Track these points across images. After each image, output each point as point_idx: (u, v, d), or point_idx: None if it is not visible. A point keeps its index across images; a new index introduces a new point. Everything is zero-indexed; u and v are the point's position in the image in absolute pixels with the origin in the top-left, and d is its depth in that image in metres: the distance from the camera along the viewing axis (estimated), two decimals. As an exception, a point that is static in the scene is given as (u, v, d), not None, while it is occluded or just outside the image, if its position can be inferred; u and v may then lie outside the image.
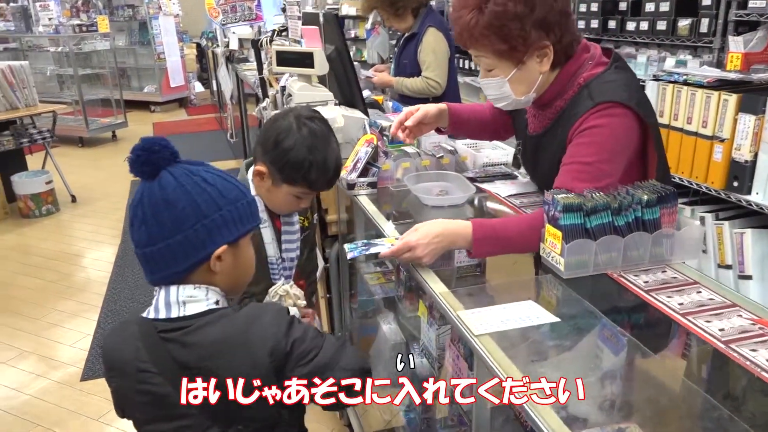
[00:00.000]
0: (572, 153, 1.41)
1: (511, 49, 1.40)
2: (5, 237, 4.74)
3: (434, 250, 1.34)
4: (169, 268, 1.05)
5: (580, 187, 1.31)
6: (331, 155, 1.54)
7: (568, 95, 1.47)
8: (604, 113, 1.37)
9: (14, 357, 3.10)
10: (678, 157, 2.56)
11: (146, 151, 1.02)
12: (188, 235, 1.03)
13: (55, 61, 8.62)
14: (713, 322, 1.10)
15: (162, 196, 1.02)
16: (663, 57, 3.17)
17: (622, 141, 1.38)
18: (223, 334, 1.03)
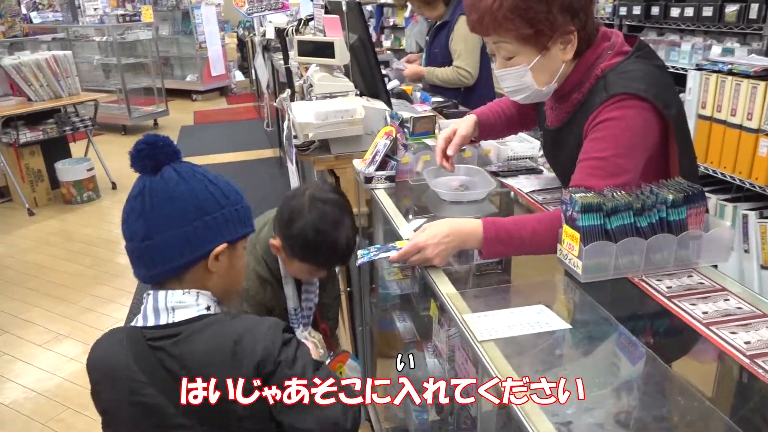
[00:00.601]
0: (587, 149, 1.33)
1: (536, 34, 1.32)
2: (48, 222, 4.89)
3: (444, 251, 1.28)
4: (166, 264, 1.03)
5: (597, 184, 1.22)
6: (341, 238, 1.56)
7: (585, 87, 1.39)
8: (619, 105, 1.29)
9: (50, 340, 3.19)
10: (720, 151, 2.43)
11: (150, 146, 1.02)
12: (189, 230, 1.02)
13: (101, 51, 8.83)
14: (739, 333, 1.02)
15: (165, 190, 1.01)
16: (709, 45, 3.01)
17: (638, 134, 1.29)
18: (211, 345, 1.00)
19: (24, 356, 3.07)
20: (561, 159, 1.52)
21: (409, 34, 6.89)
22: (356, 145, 2.01)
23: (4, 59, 5.04)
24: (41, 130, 5.13)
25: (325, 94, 2.08)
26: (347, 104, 1.95)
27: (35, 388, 2.81)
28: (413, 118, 1.97)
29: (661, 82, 1.34)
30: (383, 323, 2.18)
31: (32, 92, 5.07)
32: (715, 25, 2.86)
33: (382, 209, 1.68)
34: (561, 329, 1.06)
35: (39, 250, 4.32)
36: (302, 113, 1.93)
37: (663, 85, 1.33)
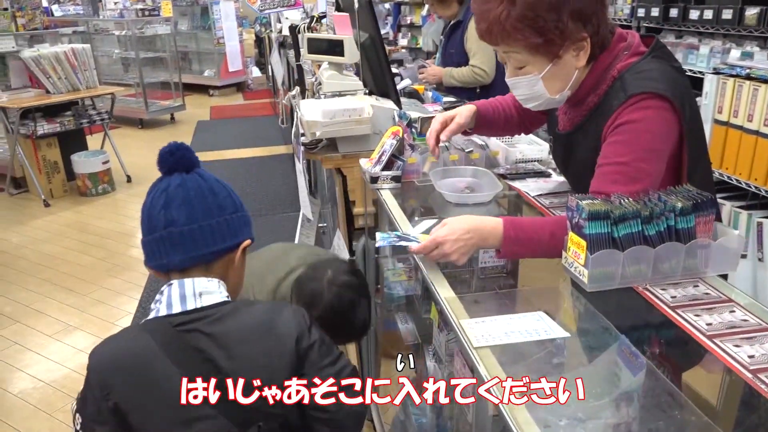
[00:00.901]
0: (606, 153, 1.29)
1: (547, 43, 1.28)
2: (63, 214, 4.94)
3: (463, 248, 1.25)
4: (204, 248, 1.09)
5: (619, 190, 1.19)
6: (357, 320, 1.60)
7: (602, 89, 1.35)
8: (638, 106, 1.25)
9: (60, 331, 3.23)
10: (736, 157, 2.38)
11: (184, 149, 1.12)
12: (227, 219, 1.12)
13: (120, 45, 8.91)
14: (743, 347, 0.99)
15: (207, 185, 1.11)
16: (728, 48, 2.95)
17: (659, 136, 1.25)
18: (249, 322, 1.08)
19: (34, 346, 3.10)
20: (573, 163, 1.48)
21: (426, 32, 6.86)
22: (364, 144, 2.00)
23: (24, 51, 5.10)
24: (59, 122, 5.19)
25: (333, 93, 2.07)
26: (355, 103, 1.94)
27: (43, 379, 2.84)
28: (421, 118, 1.95)
29: (678, 82, 1.30)
30: (388, 323, 2.17)
31: (50, 85, 5.13)
32: (734, 28, 2.80)
33: (387, 209, 1.67)
34: (560, 337, 1.04)
35: (53, 242, 4.37)
36: (310, 111, 1.93)
37: (680, 86, 1.30)
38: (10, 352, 3.06)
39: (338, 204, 2.16)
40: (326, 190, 3.11)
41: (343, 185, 2.09)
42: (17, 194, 5.38)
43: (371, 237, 2.08)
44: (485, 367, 0.96)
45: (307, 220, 2.23)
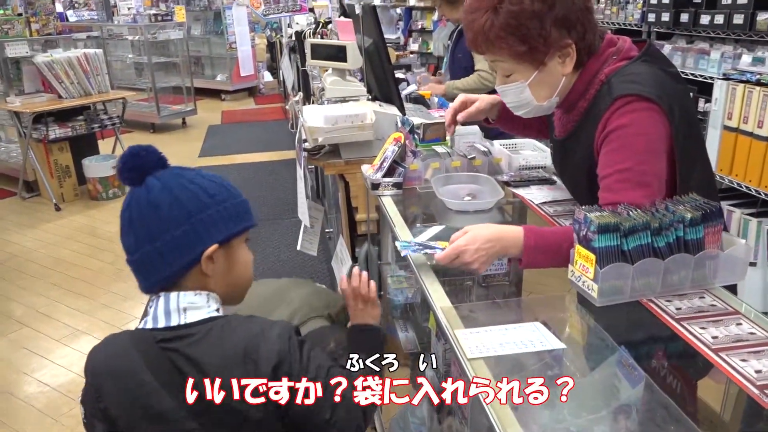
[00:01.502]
0: (606, 163, 1.28)
1: (530, 51, 1.29)
2: (74, 218, 4.98)
3: (484, 257, 1.23)
4: (159, 272, 1.03)
5: (629, 197, 1.19)
6: None
7: (590, 94, 1.35)
8: (625, 110, 1.24)
9: (68, 335, 3.24)
10: (746, 164, 2.34)
11: (132, 157, 1.03)
12: (175, 235, 1.01)
13: (134, 50, 8.99)
14: (750, 361, 0.96)
15: (148, 200, 1.02)
16: (739, 53, 2.90)
17: (653, 137, 1.24)
18: (227, 348, 1.00)
19: (41, 351, 3.12)
20: (569, 169, 1.48)
21: (437, 37, 6.85)
22: (367, 150, 1.99)
23: (37, 56, 5.16)
24: (70, 126, 5.23)
25: (337, 98, 2.07)
26: (358, 109, 1.93)
27: (50, 383, 2.85)
28: (424, 124, 1.94)
29: (667, 85, 1.29)
30: (388, 330, 2.15)
31: (63, 89, 5.18)
32: (746, 34, 2.77)
33: (387, 216, 1.66)
34: (555, 349, 1.02)
35: (63, 245, 4.40)
36: (312, 117, 1.92)
37: (669, 88, 1.28)
38: (18, 356, 3.08)
39: (341, 210, 2.16)
40: (331, 196, 3.10)
41: (346, 191, 2.08)
42: (29, 198, 5.43)
43: (374, 243, 2.07)
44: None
45: (311, 226, 2.23)
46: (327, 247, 3.76)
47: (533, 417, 0.89)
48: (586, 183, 1.36)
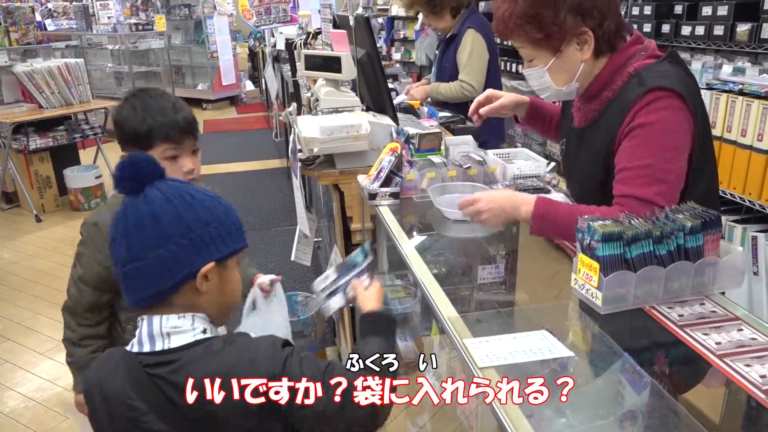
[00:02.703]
0: (627, 157, 1.32)
1: (547, 38, 1.37)
2: (55, 229, 4.90)
3: (497, 209, 1.37)
4: (152, 287, 0.99)
5: (645, 192, 1.26)
6: (158, 103, 1.50)
7: (617, 85, 1.39)
8: (655, 106, 1.29)
9: (52, 348, 3.18)
10: (730, 172, 2.40)
11: (132, 166, 0.99)
12: (173, 250, 0.98)
13: (113, 59, 8.91)
14: (754, 366, 0.99)
15: (148, 211, 0.98)
16: (720, 64, 2.98)
17: (679, 136, 1.30)
18: (213, 373, 0.96)
19: (25, 364, 3.06)
20: (584, 159, 1.50)
21: (419, 47, 6.90)
22: (361, 161, 2.00)
23: (17, 66, 5.08)
24: (51, 137, 5.16)
25: (331, 109, 2.07)
26: (353, 119, 1.94)
27: (34, 397, 2.80)
28: (419, 134, 1.96)
29: (692, 87, 1.35)
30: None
31: (43, 99, 5.11)
32: (726, 44, 2.84)
33: (386, 226, 1.66)
34: (564, 356, 1.03)
35: (45, 257, 4.33)
36: (307, 128, 1.92)
37: (694, 90, 1.35)
38: (1, 370, 3.01)
39: (335, 220, 2.16)
40: (322, 205, 3.10)
41: (341, 201, 2.08)
42: (8, 209, 5.34)
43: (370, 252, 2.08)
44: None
45: (304, 236, 2.22)
46: (316, 257, 3.75)
47: (547, 423, 0.90)
48: (602, 172, 1.40)
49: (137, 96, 1.54)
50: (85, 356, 1.60)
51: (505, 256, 1.70)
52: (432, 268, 1.41)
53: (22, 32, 5.54)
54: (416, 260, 1.45)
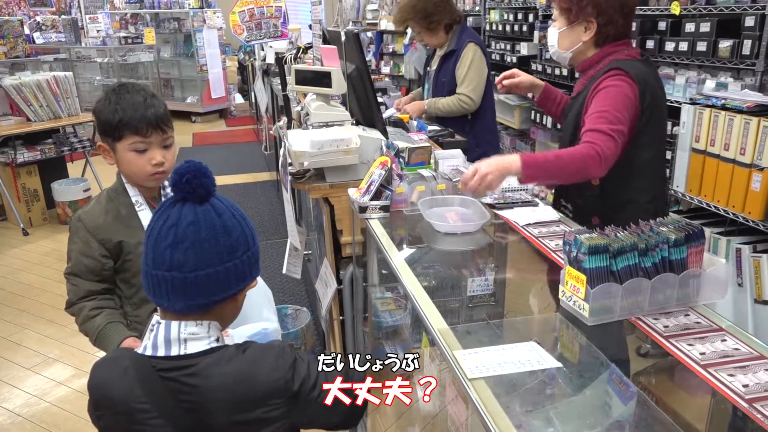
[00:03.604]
0: (591, 108, 1.80)
1: (568, 10, 1.89)
2: (42, 242, 4.87)
3: (495, 171, 1.65)
4: (210, 296, 1.02)
5: (602, 127, 1.71)
6: (132, 97, 1.57)
7: (599, 67, 1.88)
8: (613, 76, 1.79)
9: (39, 363, 3.15)
10: (714, 185, 2.44)
11: (202, 175, 1.01)
12: (237, 264, 1.03)
13: (102, 72, 8.90)
14: (737, 376, 1.01)
15: (220, 222, 1.01)
16: (703, 79, 3.03)
17: (628, 97, 1.77)
18: (228, 379, 1.00)
19: (11, 380, 3.02)
20: (569, 118, 1.97)
21: (408, 60, 6.96)
22: (352, 174, 2.01)
23: (5, 79, 5.07)
24: (39, 150, 5.13)
25: (321, 123, 2.09)
26: (343, 133, 1.96)
27: (21, 413, 2.76)
28: (408, 148, 1.98)
29: (649, 78, 1.82)
30: (375, 351, 2.16)
31: (32, 112, 5.09)
32: (709, 60, 2.89)
33: (376, 239, 1.68)
34: (552, 367, 1.05)
35: (32, 271, 4.29)
36: (298, 142, 1.94)
37: (650, 80, 1.82)
38: (-13, 385, 2.98)
39: (325, 233, 2.17)
40: (312, 218, 3.11)
41: (331, 214, 2.10)
42: (-5, 223, 5.30)
43: (359, 265, 2.09)
44: (480, 399, 0.96)
45: (294, 249, 2.23)
46: (306, 269, 3.75)
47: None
48: (577, 123, 1.88)
49: (116, 90, 1.61)
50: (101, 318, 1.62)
51: (494, 268, 1.72)
52: (422, 280, 1.43)
53: (11, 45, 5.54)
54: (406, 273, 1.46)
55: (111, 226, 1.63)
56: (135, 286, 1.67)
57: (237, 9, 3.91)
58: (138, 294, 1.67)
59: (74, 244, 1.64)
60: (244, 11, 3.84)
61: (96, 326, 1.60)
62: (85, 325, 1.63)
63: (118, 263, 1.65)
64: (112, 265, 1.65)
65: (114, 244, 1.62)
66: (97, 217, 1.63)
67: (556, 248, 1.48)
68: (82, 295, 1.63)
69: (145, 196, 1.68)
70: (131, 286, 1.67)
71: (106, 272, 1.64)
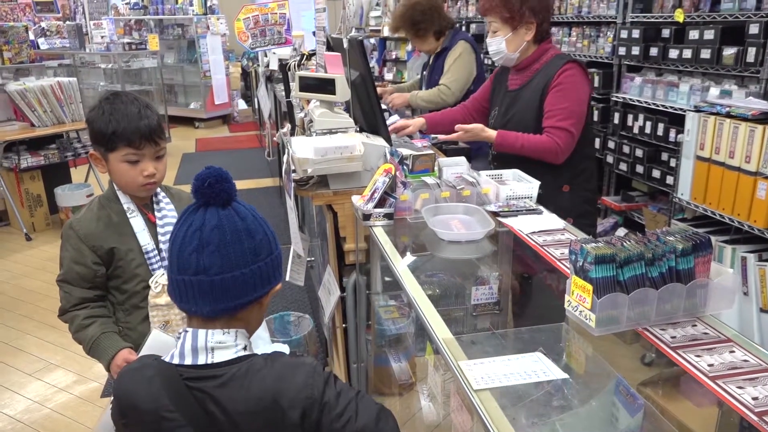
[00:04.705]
0: (551, 102, 2.19)
1: (511, 18, 2.23)
2: (45, 248, 4.87)
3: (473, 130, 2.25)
4: (236, 299, 1.02)
5: (565, 123, 2.14)
6: (125, 108, 1.58)
7: (543, 61, 2.28)
8: (568, 70, 2.18)
9: (41, 369, 3.15)
10: (719, 193, 2.43)
11: (224, 180, 1.02)
12: (261, 267, 1.04)
13: (106, 77, 8.92)
14: (746, 388, 0.99)
15: (243, 226, 1.03)
16: (707, 86, 3.03)
17: (584, 90, 2.22)
18: (255, 392, 0.99)
19: (12, 385, 3.02)
20: (518, 110, 2.32)
21: (411, 67, 6.97)
22: (355, 181, 2.01)
23: (10, 85, 5.08)
24: (43, 155, 5.15)
25: (325, 130, 2.09)
26: (347, 140, 1.95)
27: (22, 419, 2.76)
28: (412, 155, 1.97)
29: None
30: (378, 359, 2.15)
31: (36, 118, 5.10)
32: (713, 67, 2.89)
33: (380, 246, 1.67)
34: (558, 378, 1.04)
35: (34, 276, 4.29)
36: (301, 149, 1.94)
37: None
38: (-11, 391, 2.97)
39: (329, 240, 2.16)
40: (315, 225, 3.10)
41: (334, 221, 2.09)
42: (-2, 228, 5.31)
43: (362, 273, 2.08)
44: (486, 411, 0.95)
45: (298, 256, 2.22)
46: (309, 276, 3.74)
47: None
48: (535, 114, 2.24)
49: (109, 99, 1.62)
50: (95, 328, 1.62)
51: (498, 277, 1.71)
52: (426, 288, 1.42)
53: (16, 51, 5.56)
54: (410, 280, 1.45)
55: (103, 233, 1.64)
56: (127, 292, 1.67)
57: (242, 16, 3.92)
58: (130, 300, 1.67)
59: (66, 252, 1.65)
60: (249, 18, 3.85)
61: (90, 336, 1.60)
62: (78, 334, 1.63)
63: (110, 270, 1.66)
64: (104, 272, 1.65)
65: (106, 251, 1.63)
66: (88, 225, 1.64)
67: (561, 257, 1.47)
68: (75, 303, 1.64)
69: (136, 203, 1.69)
70: (123, 293, 1.67)
71: (98, 279, 1.64)
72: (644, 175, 3.41)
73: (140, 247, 1.65)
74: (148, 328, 1.65)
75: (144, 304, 1.65)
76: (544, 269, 1.52)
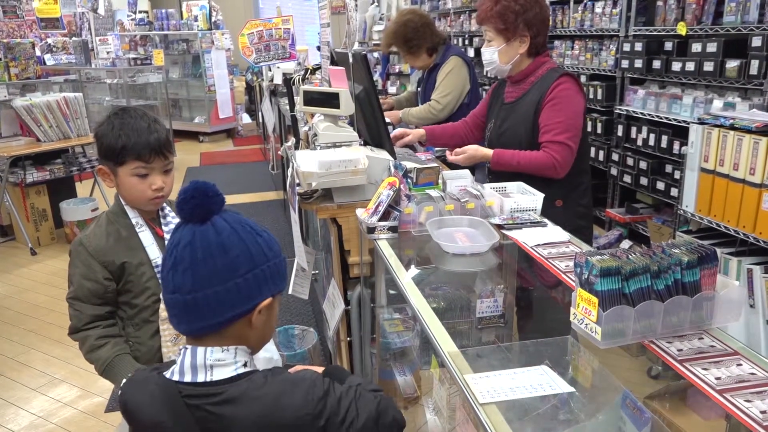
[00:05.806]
0: (548, 116, 2.18)
1: (505, 30, 2.22)
2: (49, 262, 4.88)
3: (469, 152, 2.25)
4: (212, 318, 0.99)
5: (562, 137, 2.13)
6: (135, 123, 1.60)
7: (539, 74, 2.27)
8: (564, 84, 2.17)
9: (45, 384, 3.14)
10: (724, 205, 2.43)
11: (201, 195, 0.99)
12: (239, 283, 0.99)
13: (112, 93, 8.99)
14: (754, 402, 0.99)
15: (217, 241, 0.99)
16: (710, 98, 3.04)
17: (580, 105, 2.20)
18: (254, 411, 0.98)
19: (17, 401, 3.01)
20: (514, 123, 2.30)
21: (414, 80, 7.01)
22: (359, 195, 2.01)
23: (16, 100, 5.13)
24: (48, 170, 5.18)
25: (329, 144, 2.10)
26: (351, 154, 1.96)
27: (27, 435, 2.75)
28: (416, 168, 1.98)
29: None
30: (383, 373, 2.14)
31: (42, 133, 5.14)
32: (716, 80, 2.90)
33: (384, 259, 1.67)
34: (564, 392, 1.03)
35: (39, 291, 4.30)
36: (306, 162, 1.95)
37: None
38: (-7, 406, 2.97)
39: (333, 253, 2.16)
40: (319, 238, 3.11)
41: (338, 234, 2.09)
42: (3, 242, 5.32)
43: (366, 286, 2.08)
44: (492, 424, 0.95)
45: (302, 269, 2.22)
46: (313, 290, 3.74)
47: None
48: (530, 127, 2.22)
49: (118, 114, 1.64)
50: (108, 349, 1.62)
51: (503, 289, 1.70)
52: (431, 301, 1.42)
53: (22, 67, 5.62)
54: (415, 293, 1.45)
55: (113, 248, 1.64)
56: (137, 306, 1.67)
57: (246, 31, 3.96)
58: (139, 315, 1.68)
59: (76, 268, 1.65)
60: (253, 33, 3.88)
61: (104, 358, 1.61)
62: (90, 355, 1.63)
63: (120, 285, 1.66)
64: (115, 287, 1.65)
65: (117, 266, 1.63)
66: (98, 240, 1.65)
67: (566, 269, 1.47)
68: (87, 321, 1.63)
69: (144, 217, 1.70)
70: (133, 307, 1.68)
71: (109, 295, 1.65)
72: (648, 187, 3.41)
73: (150, 261, 1.66)
74: (157, 343, 1.65)
75: (154, 318, 1.66)
76: (549, 282, 1.52)
